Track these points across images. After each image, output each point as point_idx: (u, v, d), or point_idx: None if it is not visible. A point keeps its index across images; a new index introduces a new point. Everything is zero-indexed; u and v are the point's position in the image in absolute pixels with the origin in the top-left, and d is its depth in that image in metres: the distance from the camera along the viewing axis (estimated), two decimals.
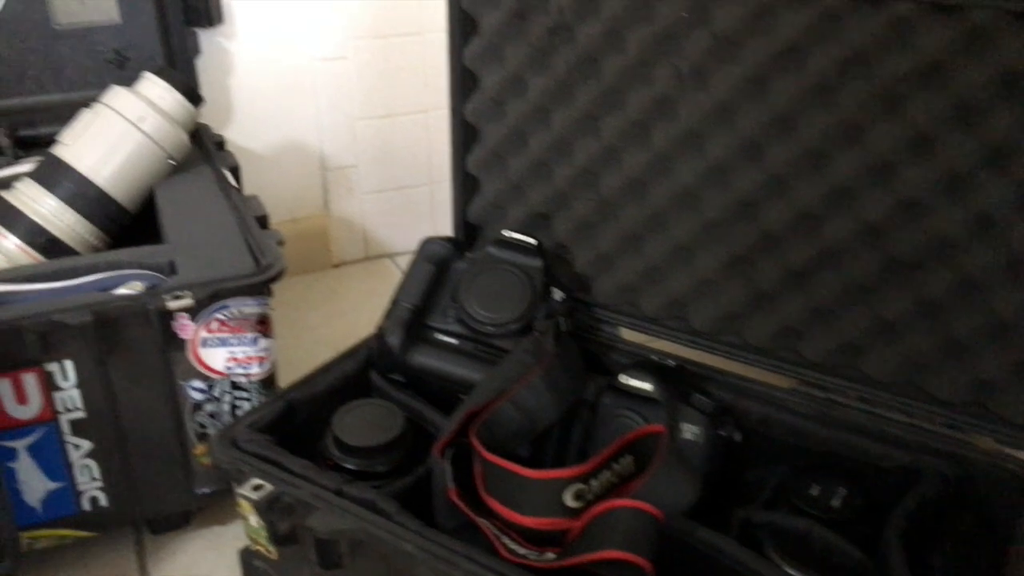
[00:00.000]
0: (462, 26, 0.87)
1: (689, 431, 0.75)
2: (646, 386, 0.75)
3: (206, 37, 1.27)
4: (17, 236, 0.94)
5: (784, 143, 0.73)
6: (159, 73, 1.03)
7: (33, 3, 1.15)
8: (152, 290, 0.78)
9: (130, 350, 0.78)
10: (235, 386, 0.84)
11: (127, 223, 1.01)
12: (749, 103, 0.74)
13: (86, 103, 1.19)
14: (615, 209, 0.85)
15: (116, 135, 0.99)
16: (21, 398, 0.76)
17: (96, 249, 0.99)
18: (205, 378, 0.82)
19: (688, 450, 0.74)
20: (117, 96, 1.00)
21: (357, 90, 1.43)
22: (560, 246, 0.90)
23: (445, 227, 1.58)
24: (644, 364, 0.78)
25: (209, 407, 0.84)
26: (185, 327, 0.79)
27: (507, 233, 0.86)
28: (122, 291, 0.79)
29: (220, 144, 1.16)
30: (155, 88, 1.02)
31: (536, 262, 0.84)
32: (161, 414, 0.82)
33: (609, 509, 0.62)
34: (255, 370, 0.84)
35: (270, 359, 0.85)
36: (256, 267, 0.82)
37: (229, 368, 0.83)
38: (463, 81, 0.89)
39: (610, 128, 0.82)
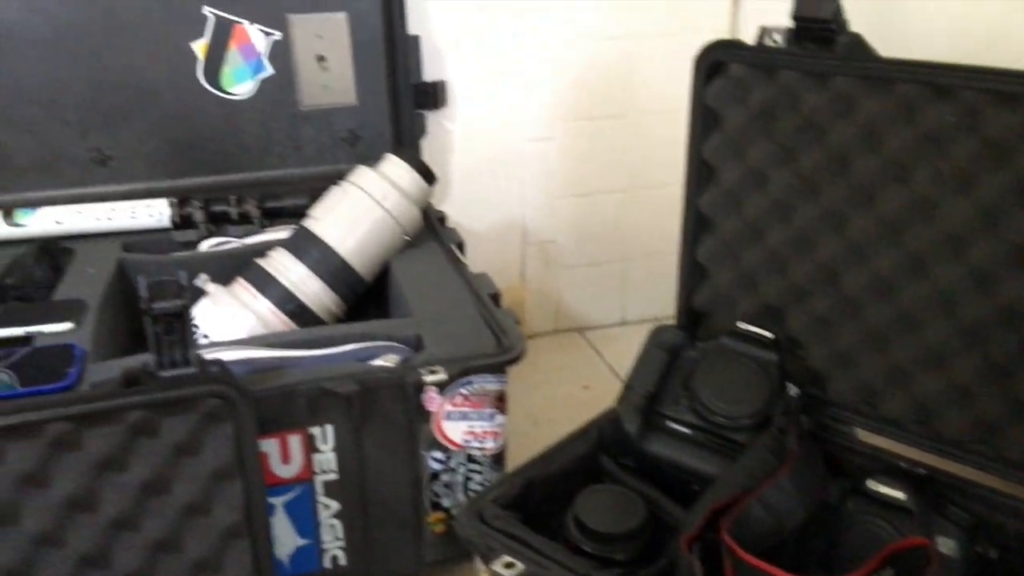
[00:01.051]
0: (704, 121, 0.89)
1: (944, 545, 0.72)
2: (898, 494, 0.73)
3: (430, 118, 1.35)
4: (269, 300, 1.02)
5: None
6: (399, 154, 1.11)
7: (284, 88, 1.26)
8: (407, 364, 0.83)
9: (382, 419, 0.83)
10: (470, 459, 0.87)
11: (362, 293, 1.08)
12: (1017, 208, 0.72)
13: (322, 177, 1.29)
14: (858, 307, 0.83)
15: (361, 211, 1.06)
16: (285, 457, 0.81)
17: (336, 316, 1.06)
18: (444, 449, 0.86)
19: (944, 566, 0.71)
20: (363, 175, 1.08)
21: (560, 169, 1.48)
22: (793, 340, 0.89)
23: (637, 304, 1.61)
24: (894, 470, 0.75)
25: (445, 477, 0.87)
26: (432, 400, 0.83)
27: (742, 325, 0.86)
28: (379, 363, 0.84)
29: (442, 219, 1.22)
30: (396, 168, 1.09)
31: (771, 356, 0.84)
32: (402, 481, 0.86)
33: None
34: (489, 445, 0.87)
35: (503, 435, 0.88)
36: (499, 346, 0.86)
37: (467, 441, 0.86)
38: (700, 173, 0.91)
39: (857, 227, 0.82)
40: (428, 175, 1.11)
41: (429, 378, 0.81)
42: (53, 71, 1.16)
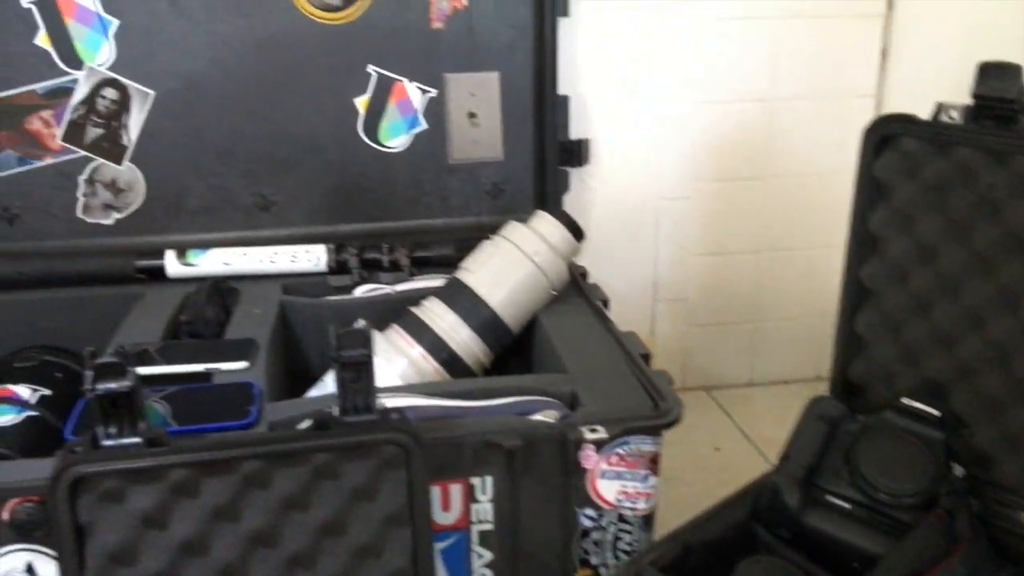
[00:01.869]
0: (870, 192, 0.89)
1: None
2: None
3: (573, 175, 1.39)
4: (423, 347, 1.06)
5: None
6: (550, 211, 1.14)
7: (435, 142, 1.31)
8: (568, 421, 0.85)
9: (540, 473, 0.84)
10: (621, 518, 0.88)
11: (508, 345, 1.11)
12: None
13: (466, 228, 1.33)
14: None
15: (512, 265, 1.09)
16: (446, 505, 0.84)
17: (483, 366, 1.09)
18: (597, 507, 0.87)
19: None
20: (515, 231, 1.12)
21: (695, 227, 1.49)
22: (958, 419, 0.87)
23: (766, 366, 1.60)
24: None
25: (595, 535, 0.88)
26: (589, 457, 0.85)
27: (906, 400, 0.85)
28: (539, 418, 0.86)
29: (583, 275, 1.25)
30: (547, 224, 1.12)
31: (937, 434, 0.83)
32: (553, 535, 0.87)
33: None
34: (641, 505, 0.88)
35: (655, 497, 0.89)
36: (656, 408, 0.87)
37: (619, 500, 0.87)
38: (863, 243, 0.91)
39: None
40: (577, 232, 1.13)
41: (589, 436, 0.82)
42: (230, 123, 1.25)
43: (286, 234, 1.29)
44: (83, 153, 1.23)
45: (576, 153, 1.35)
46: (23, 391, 1.05)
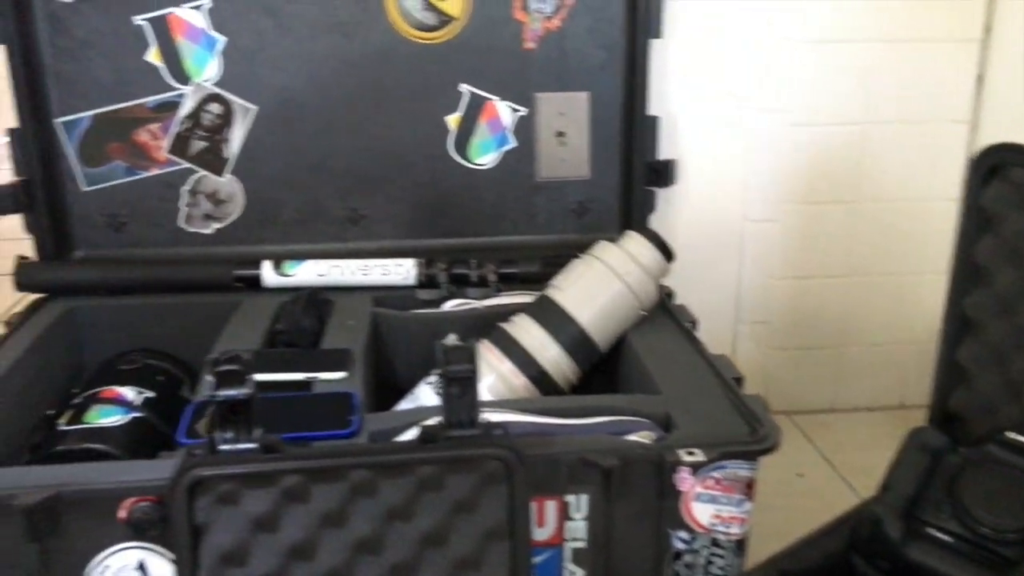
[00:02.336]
0: (977, 222, 0.88)
1: None
2: None
3: (658, 195, 1.39)
4: (513, 363, 1.07)
5: None
6: (641, 231, 1.14)
7: (523, 160, 1.33)
8: (665, 443, 0.85)
9: (633, 493, 0.85)
10: (714, 542, 0.88)
11: (596, 363, 1.12)
12: None
13: (551, 246, 1.35)
14: None
15: (602, 284, 1.10)
16: (540, 521, 0.84)
17: (571, 384, 1.10)
18: (690, 530, 0.87)
19: None
20: (606, 250, 1.12)
21: (780, 251, 1.48)
22: None
23: (849, 392, 1.57)
24: None
25: (687, 558, 0.88)
26: (685, 480, 0.85)
27: (1011, 435, 0.83)
28: (635, 438, 0.87)
29: (669, 295, 1.25)
30: (638, 245, 1.13)
31: None
32: (645, 556, 0.87)
33: None
34: (734, 530, 0.88)
35: (749, 522, 0.88)
36: (753, 433, 0.87)
37: (713, 524, 0.87)
38: (968, 274, 0.89)
39: None
40: (667, 252, 1.14)
41: (687, 458, 0.82)
42: (325, 138, 1.28)
43: (374, 247, 1.32)
44: (187, 165, 1.27)
45: (663, 173, 1.35)
46: (128, 393, 1.09)
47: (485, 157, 1.33)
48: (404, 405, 1.07)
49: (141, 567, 0.82)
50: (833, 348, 1.55)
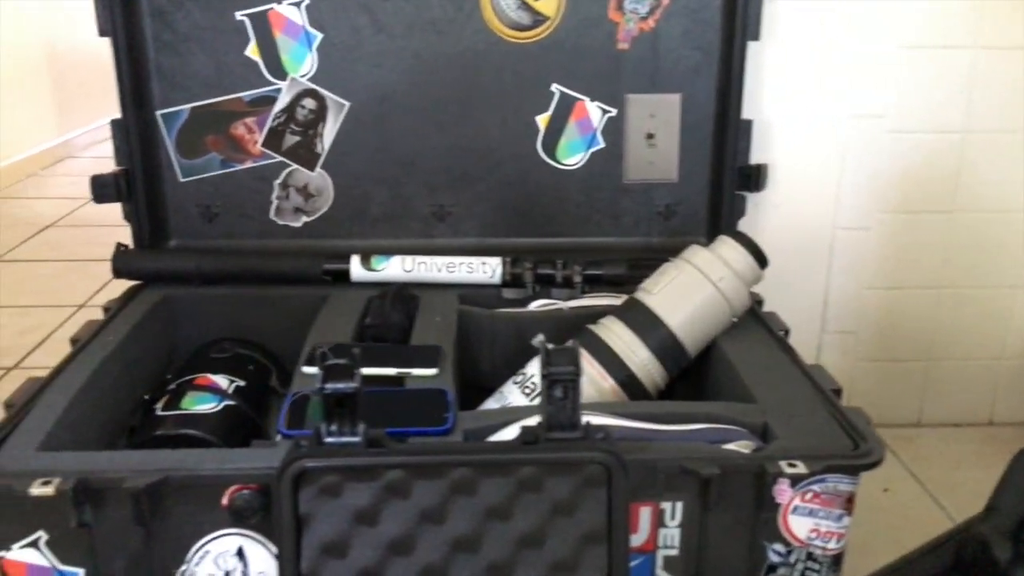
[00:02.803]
0: None
1: None
2: None
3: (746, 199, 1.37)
4: (602, 366, 1.06)
5: None
6: (734, 236, 1.13)
7: (611, 161, 1.32)
8: (765, 453, 0.83)
9: (730, 504, 0.83)
10: (810, 556, 0.86)
11: (685, 368, 1.10)
12: None
13: (636, 248, 1.34)
14: None
15: (694, 289, 1.08)
16: (634, 527, 0.83)
17: (659, 389, 1.09)
18: (786, 543, 0.85)
19: None
20: (699, 255, 1.11)
21: (872, 260, 1.44)
22: None
23: (936, 408, 1.53)
24: None
25: (782, 571, 0.86)
26: (783, 492, 0.83)
27: None
28: (733, 447, 0.85)
29: (760, 302, 1.22)
30: (731, 250, 1.11)
31: None
32: (738, 568, 0.86)
33: None
34: (832, 545, 0.85)
35: (846, 537, 0.86)
36: (855, 447, 0.84)
37: (810, 538, 0.85)
38: None
39: None
40: (761, 258, 1.12)
41: (788, 470, 0.81)
42: (415, 135, 1.29)
43: (459, 244, 1.33)
44: (280, 158, 1.29)
45: (754, 178, 1.33)
46: (221, 381, 1.12)
47: (573, 158, 1.32)
48: (490, 404, 1.07)
49: (240, 553, 0.83)
50: (922, 361, 1.50)
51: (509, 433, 0.88)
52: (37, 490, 0.76)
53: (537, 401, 1.04)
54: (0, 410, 0.94)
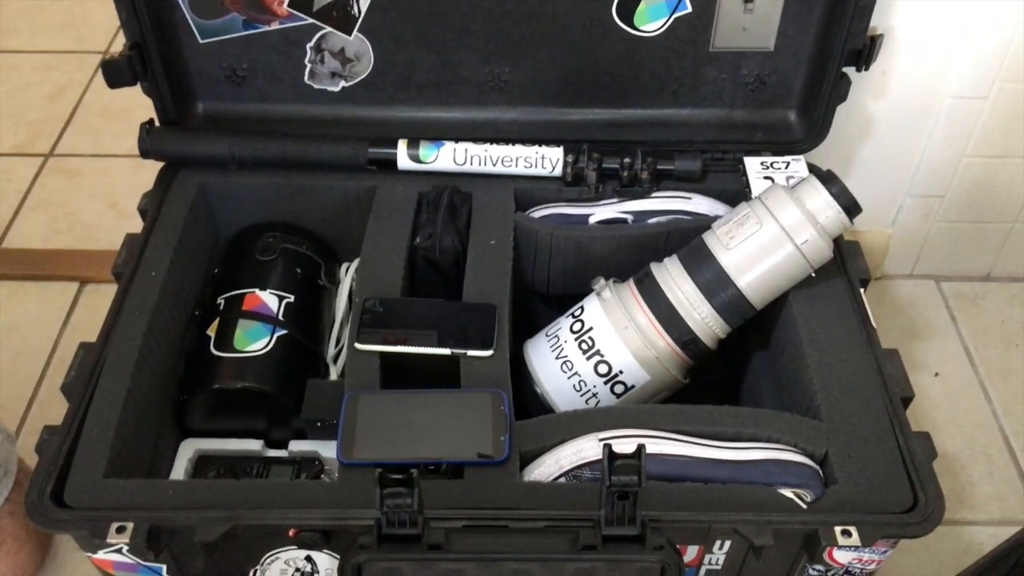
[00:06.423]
0: None
1: None
2: None
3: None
4: (658, 320, 1.02)
5: None
6: (825, 182, 0.99)
7: (697, 27, 1.13)
8: (819, 516, 0.83)
9: (778, 552, 0.85)
10: (847, 572, 0.90)
11: (751, 318, 1.05)
12: None
13: (713, 124, 1.20)
14: None
15: (772, 247, 0.99)
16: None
17: (718, 340, 1.04)
18: (826, 565, 0.89)
19: None
20: (781, 206, 0.99)
21: (981, 129, 1.28)
22: None
23: (1010, 261, 1.44)
24: None
25: None
26: (832, 551, 0.84)
27: None
28: (788, 494, 0.85)
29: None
30: (820, 202, 0.98)
31: None
32: None
33: None
34: (872, 568, 0.89)
35: (886, 560, 0.89)
36: (914, 504, 0.84)
37: (850, 563, 0.88)
38: None
39: None
40: (851, 210, 1.00)
41: (841, 541, 0.81)
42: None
43: (514, 117, 1.19)
44: (311, 20, 1.12)
45: (865, 55, 1.12)
46: (271, 301, 1.10)
47: (653, 23, 1.12)
48: (542, 342, 1.07)
49: (308, 557, 0.89)
50: (1006, 223, 1.40)
51: (566, 454, 0.88)
52: (113, 539, 0.80)
53: (585, 346, 1.03)
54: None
